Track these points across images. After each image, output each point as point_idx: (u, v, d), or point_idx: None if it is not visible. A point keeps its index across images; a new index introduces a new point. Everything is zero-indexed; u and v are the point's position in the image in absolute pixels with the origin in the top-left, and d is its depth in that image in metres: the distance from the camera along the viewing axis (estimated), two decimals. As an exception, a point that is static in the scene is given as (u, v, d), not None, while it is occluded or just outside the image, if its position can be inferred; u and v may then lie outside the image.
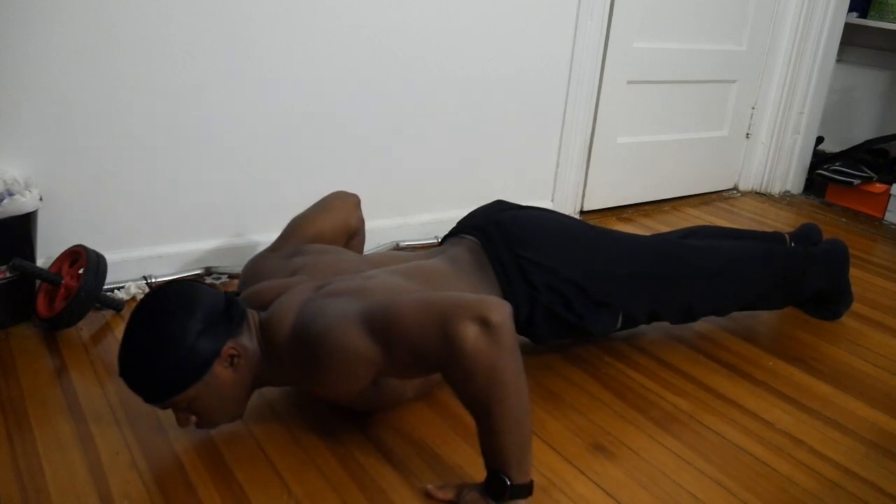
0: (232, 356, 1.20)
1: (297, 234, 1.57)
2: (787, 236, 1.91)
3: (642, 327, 1.76)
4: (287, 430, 1.36)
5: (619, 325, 1.58)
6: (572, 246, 1.54)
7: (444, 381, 1.34)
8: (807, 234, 1.93)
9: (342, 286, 1.28)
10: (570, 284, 1.48)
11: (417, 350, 1.13)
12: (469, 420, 1.18)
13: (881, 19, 3.05)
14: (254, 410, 1.39)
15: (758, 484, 1.32)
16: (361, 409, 1.39)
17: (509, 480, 1.13)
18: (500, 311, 1.10)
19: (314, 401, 1.43)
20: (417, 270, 1.40)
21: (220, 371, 1.19)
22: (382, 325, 1.15)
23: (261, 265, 1.49)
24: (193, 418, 1.23)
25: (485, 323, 1.08)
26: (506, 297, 1.41)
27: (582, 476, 1.30)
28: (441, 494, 1.20)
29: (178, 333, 1.15)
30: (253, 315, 1.27)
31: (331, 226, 1.61)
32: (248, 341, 1.24)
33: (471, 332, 1.08)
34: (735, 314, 1.87)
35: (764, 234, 1.94)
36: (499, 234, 1.51)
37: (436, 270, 1.43)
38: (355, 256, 1.51)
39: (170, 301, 1.20)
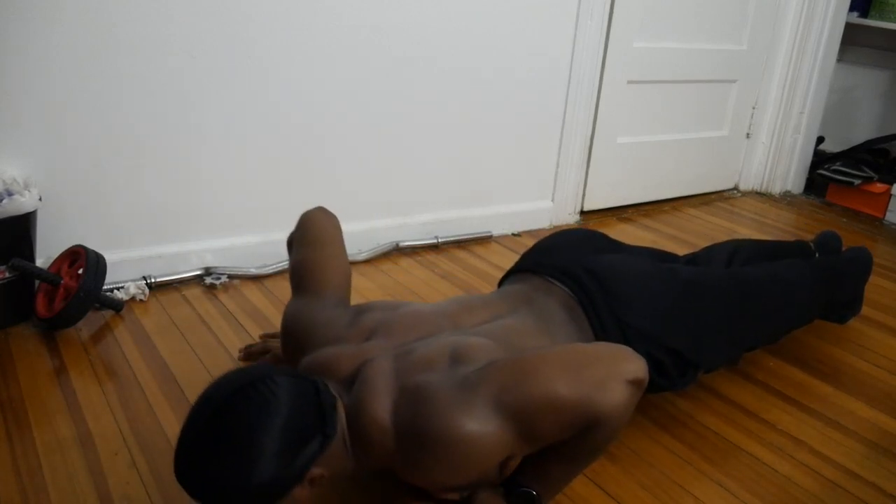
0: (315, 478, 0.98)
1: (328, 275, 1.33)
2: (811, 245, 1.89)
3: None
4: (287, 431, 1.36)
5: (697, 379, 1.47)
6: (673, 308, 1.37)
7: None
8: (828, 243, 1.91)
9: (432, 351, 1.09)
10: (670, 352, 1.32)
11: (567, 423, 1.01)
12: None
13: (882, 19, 3.05)
14: (253, 410, 1.39)
15: (758, 484, 1.32)
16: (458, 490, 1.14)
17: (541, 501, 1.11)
18: (644, 367, 1.04)
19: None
20: (509, 333, 1.20)
21: (299, 493, 0.97)
22: (523, 403, 0.99)
23: (313, 317, 1.24)
24: None
25: (637, 384, 1.03)
26: None
27: (581, 476, 1.29)
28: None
29: (251, 457, 0.91)
30: (340, 405, 1.04)
31: (343, 255, 1.41)
32: (338, 453, 1.01)
33: (625, 396, 1.01)
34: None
35: (793, 244, 1.88)
36: (598, 290, 1.33)
37: (528, 333, 1.23)
38: (429, 309, 1.27)
39: (242, 408, 0.94)
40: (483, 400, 0.99)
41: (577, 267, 1.38)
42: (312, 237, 1.39)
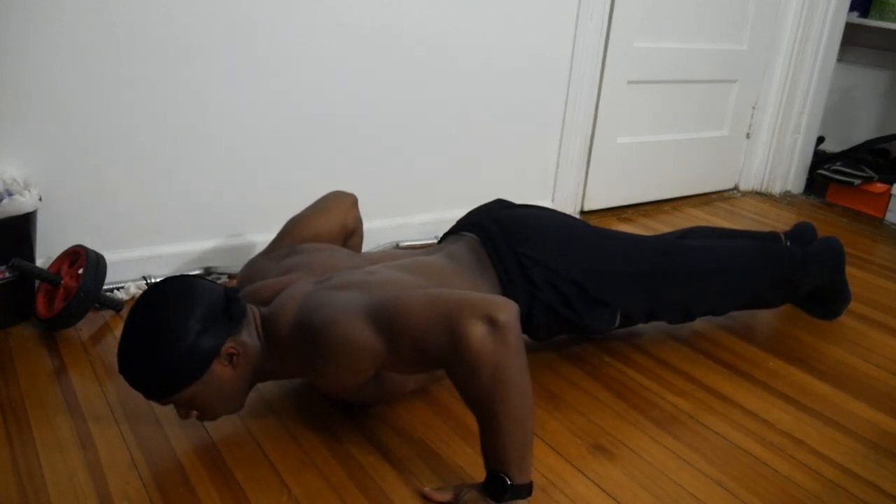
0: (231, 354, 1.20)
1: (292, 235, 1.57)
2: (782, 235, 1.90)
3: (642, 327, 1.76)
4: (287, 430, 1.36)
5: (617, 323, 1.59)
6: (572, 244, 1.54)
7: (445, 381, 1.34)
8: (802, 233, 1.93)
9: (344, 280, 1.28)
10: (570, 282, 1.48)
11: (422, 345, 1.13)
12: (470, 421, 1.18)
13: (882, 19, 3.04)
14: (254, 410, 1.40)
15: (758, 484, 1.32)
16: (361, 402, 1.40)
17: (510, 480, 1.13)
18: (508, 310, 1.11)
19: (315, 401, 1.43)
20: (417, 266, 1.40)
21: (220, 369, 1.19)
22: (388, 318, 1.15)
23: (256, 267, 1.49)
24: (194, 412, 1.23)
25: (492, 322, 1.09)
26: (505, 295, 1.42)
27: (582, 476, 1.29)
28: (438, 496, 1.20)
29: (178, 331, 1.15)
30: (253, 310, 1.27)
31: (327, 226, 1.60)
32: (248, 338, 1.23)
33: (478, 331, 1.08)
34: (735, 314, 1.87)
35: (759, 233, 1.94)
36: (499, 231, 1.51)
37: (436, 267, 1.42)
38: (350, 253, 1.50)
39: (169, 297, 1.19)
40: (359, 308, 1.17)
41: (485, 218, 1.56)
42: (312, 206, 1.64)
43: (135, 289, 1.81)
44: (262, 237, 2.00)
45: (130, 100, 1.74)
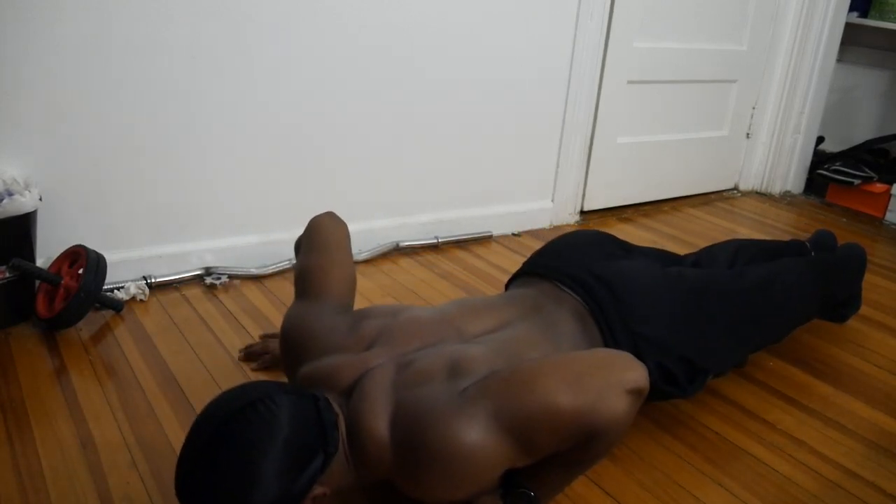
0: (318, 497, 0.97)
1: (331, 281, 1.30)
2: (807, 244, 1.89)
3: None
4: (287, 431, 1.36)
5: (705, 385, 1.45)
6: (682, 315, 1.37)
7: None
8: (824, 241, 1.91)
9: (432, 363, 1.07)
10: (680, 360, 1.31)
11: (567, 435, 0.99)
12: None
13: (882, 19, 3.04)
14: (254, 411, 1.39)
15: (758, 484, 1.32)
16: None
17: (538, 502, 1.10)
18: (646, 375, 1.03)
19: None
20: (513, 344, 1.18)
21: None
22: (524, 419, 0.97)
23: (314, 323, 1.21)
24: None
25: (639, 393, 1.02)
26: None
27: (582, 476, 1.29)
28: None
29: (264, 482, 0.90)
30: (337, 416, 1.02)
31: (349, 261, 1.38)
32: (339, 471, 0.99)
33: (626, 406, 0.99)
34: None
35: (788, 244, 1.88)
36: (608, 298, 1.32)
37: (535, 343, 1.20)
38: (432, 313, 1.25)
39: (242, 429, 0.93)
40: (481, 413, 0.97)
41: (587, 273, 1.35)
42: (319, 242, 1.36)
43: (135, 289, 1.81)
44: (262, 237, 2.01)
45: (130, 100, 1.74)
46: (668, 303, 1.37)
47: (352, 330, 1.17)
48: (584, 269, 1.37)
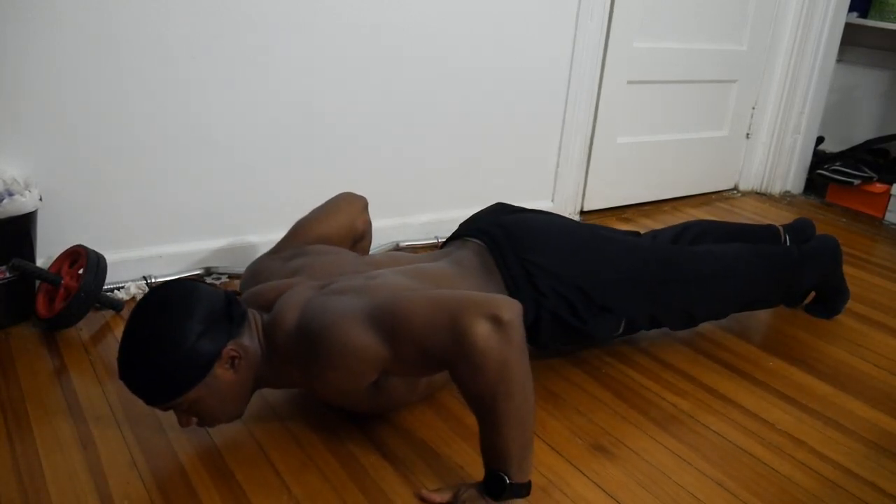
0: (233, 357, 1.19)
1: (300, 236, 1.56)
2: (780, 229, 1.90)
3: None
4: (287, 431, 1.36)
5: (621, 330, 1.58)
6: (577, 251, 1.53)
7: (445, 385, 1.34)
8: (801, 229, 1.93)
9: (346, 284, 1.28)
10: (575, 289, 1.47)
11: (426, 346, 1.13)
12: (470, 421, 1.18)
13: (881, 19, 3.04)
14: (255, 411, 1.39)
15: (758, 484, 1.32)
16: (363, 411, 1.38)
17: (508, 479, 1.13)
18: (511, 309, 1.11)
19: (315, 402, 1.43)
20: (422, 272, 1.39)
21: (221, 372, 1.18)
22: (390, 321, 1.15)
23: (261, 267, 1.49)
24: (194, 419, 1.22)
25: (496, 320, 1.09)
26: None
27: (582, 476, 1.29)
28: (436, 497, 1.19)
29: (178, 335, 1.14)
30: (255, 315, 1.26)
31: (336, 228, 1.59)
32: (249, 342, 1.23)
33: (482, 329, 1.08)
34: (735, 315, 1.87)
35: (758, 227, 1.93)
36: (505, 237, 1.50)
37: (441, 273, 1.41)
38: (355, 257, 1.50)
39: (169, 301, 1.18)
40: (359, 308, 1.17)
41: (490, 224, 1.55)
42: (321, 207, 1.63)
43: (135, 289, 1.81)
44: (262, 237, 2.00)
45: (131, 100, 1.74)
46: (563, 239, 1.54)
47: (283, 265, 1.43)
48: (491, 222, 1.56)
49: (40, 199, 1.62)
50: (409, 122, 2.17)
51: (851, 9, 2.98)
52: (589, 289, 1.48)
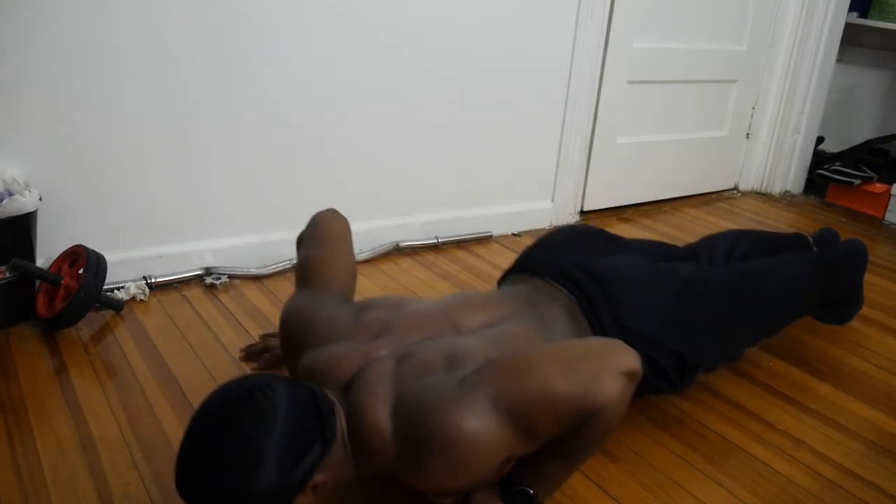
0: (318, 485, 0.97)
1: (333, 272, 1.33)
2: (809, 239, 1.89)
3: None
4: (287, 431, 1.36)
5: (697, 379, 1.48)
6: (672, 310, 1.39)
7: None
8: (827, 238, 1.91)
9: (428, 355, 1.09)
10: (670, 354, 1.33)
11: (562, 422, 1.02)
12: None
13: (881, 19, 3.04)
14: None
15: (758, 484, 1.32)
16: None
17: (539, 501, 1.11)
18: (638, 358, 1.06)
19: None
20: (508, 338, 1.20)
21: (303, 501, 0.97)
22: (524, 404, 1.00)
23: (316, 312, 1.22)
24: None
25: (632, 375, 1.04)
26: None
27: (582, 476, 1.29)
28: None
29: (263, 466, 0.91)
30: (337, 410, 1.03)
31: (351, 258, 1.42)
32: (338, 459, 1.00)
33: (620, 388, 1.02)
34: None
35: (789, 237, 1.88)
36: (599, 294, 1.34)
37: (529, 338, 1.23)
38: (430, 307, 1.27)
39: (242, 415, 0.94)
40: (480, 400, 0.99)
41: (579, 270, 1.37)
42: (321, 236, 1.39)
43: (135, 289, 1.81)
44: (262, 237, 2.01)
45: (130, 100, 1.74)
46: (658, 298, 1.38)
47: (357, 319, 1.18)
48: (576, 265, 1.39)
49: (40, 199, 1.62)
50: (409, 121, 2.17)
51: (851, 9, 2.98)
52: (684, 352, 1.35)
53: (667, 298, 1.39)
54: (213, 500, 0.92)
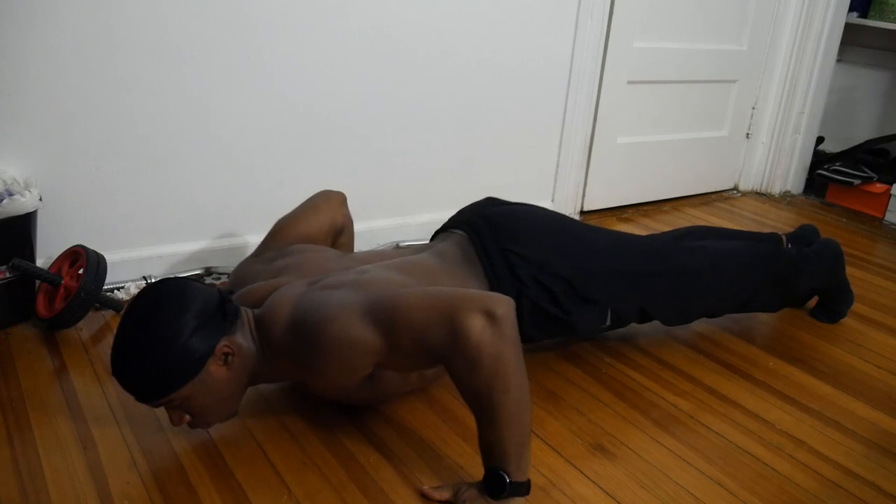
0: (226, 354, 1.20)
1: (282, 236, 1.57)
2: (783, 237, 1.90)
3: (641, 327, 1.76)
4: (287, 431, 1.36)
5: (607, 322, 1.57)
6: (560, 241, 1.53)
7: (444, 381, 1.34)
8: (803, 235, 1.93)
9: (337, 280, 1.28)
10: (558, 279, 1.47)
11: (421, 339, 1.14)
12: (470, 421, 1.18)
13: (881, 19, 3.05)
14: (254, 410, 1.40)
15: (758, 484, 1.32)
16: (356, 403, 1.39)
17: (508, 478, 1.13)
18: (505, 305, 1.13)
19: (314, 401, 1.43)
20: (407, 266, 1.40)
21: (215, 369, 1.19)
22: (387, 314, 1.16)
23: (245, 270, 1.48)
24: (187, 417, 1.22)
25: (490, 315, 1.10)
26: (492, 291, 1.42)
27: (582, 476, 1.30)
28: (437, 495, 1.20)
29: (172, 331, 1.14)
30: (247, 312, 1.27)
31: (316, 226, 1.60)
32: (242, 338, 1.23)
33: (477, 323, 1.09)
34: (735, 315, 1.87)
35: (759, 234, 1.93)
36: (487, 227, 1.51)
37: (425, 265, 1.42)
38: (339, 254, 1.50)
39: (162, 298, 1.18)
40: (357, 305, 1.18)
41: (476, 215, 1.56)
42: (300, 206, 1.64)
43: (135, 289, 1.81)
44: (262, 237, 2.00)
45: (130, 100, 1.74)
46: (547, 230, 1.54)
47: (269, 264, 1.43)
48: (476, 214, 1.57)
49: (40, 199, 1.62)
50: (409, 121, 2.17)
51: (851, 9, 2.98)
52: (573, 279, 1.47)
53: (560, 234, 1.54)
54: (136, 365, 1.15)
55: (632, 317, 1.61)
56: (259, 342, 1.25)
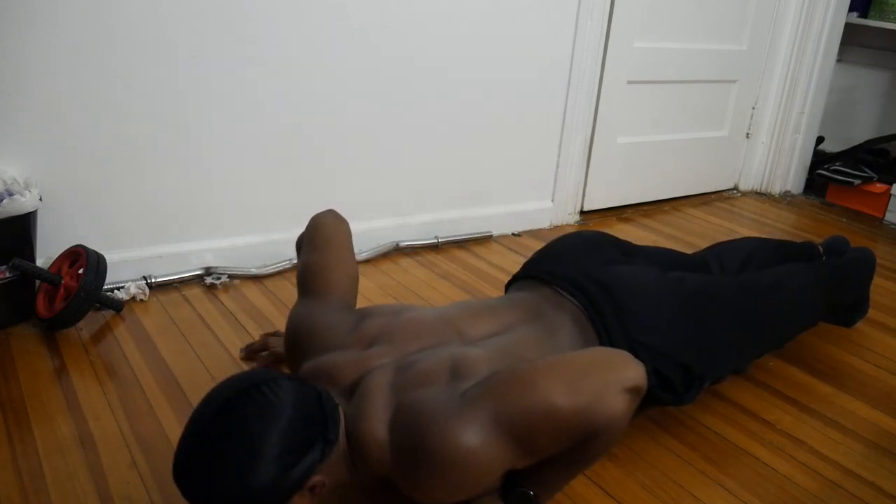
0: (316, 486, 0.96)
1: (334, 278, 1.32)
2: (819, 248, 1.88)
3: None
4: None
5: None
6: (679, 320, 1.35)
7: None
8: (837, 247, 1.90)
9: (432, 365, 1.08)
10: (677, 367, 1.30)
11: (564, 438, 1.00)
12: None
13: (881, 19, 3.05)
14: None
15: (758, 484, 1.32)
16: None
17: (536, 501, 1.10)
18: (643, 376, 1.04)
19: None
20: (514, 347, 1.18)
21: (299, 501, 0.96)
22: (525, 421, 0.98)
23: (321, 322, 1.22)
24: None
25: (635, 391, 1.02)
26: None
27: (582, 476, 1.29)
28: None
29: (262, 462, 0.90)
30: (340, 413, 1.03)
31: (353, 258, 1.40)
32: (337, 460, 0.99)
33: (624, 406, 1.00)
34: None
35: (800, 246, 1.87)
36: (608, 304, 1.30)
37: (534, 348, 1.20)
38: (432, 316, 1.24)
39: (252, 407, 0.93)
40: (481, 415, 0.97)
41: (587, 278, 1.34)
42: (321, 240, 1.37)
43: (135, 289, 1.81)
44: (262, 237, 2.01)
45: (130, 100, 1.74)
46: (666, 309, 1.35)
47: (354, 328, 1.18)
48: (584, 273, 1.36)
49: (40, 199, 1.62)
50: (409, 121, 2.17)
51: (851, 9, 2.98)
52: (692, 364, 1.31)
53: (675, 310, 1.36)
54: (209, 491, 0.91)
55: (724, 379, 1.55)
56: (349, 453, 1.02)
